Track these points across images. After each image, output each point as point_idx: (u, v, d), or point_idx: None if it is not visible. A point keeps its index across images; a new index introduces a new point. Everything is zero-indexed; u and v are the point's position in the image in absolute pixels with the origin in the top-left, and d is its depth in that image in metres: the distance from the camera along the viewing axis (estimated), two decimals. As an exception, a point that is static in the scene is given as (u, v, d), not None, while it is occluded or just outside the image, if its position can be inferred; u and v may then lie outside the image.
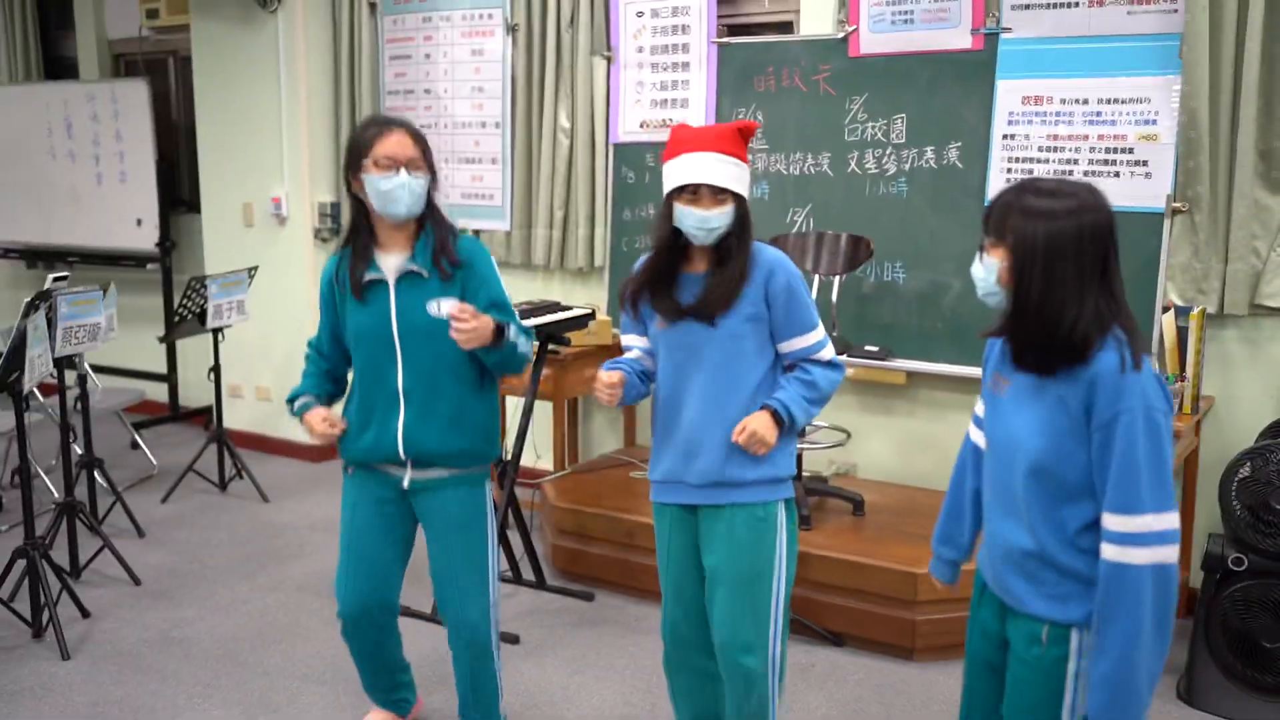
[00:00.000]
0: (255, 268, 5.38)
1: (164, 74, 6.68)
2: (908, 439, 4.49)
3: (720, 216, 2.52)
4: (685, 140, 2.54)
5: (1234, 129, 3.75)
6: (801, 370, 2.60)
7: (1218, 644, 3.36)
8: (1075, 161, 3.96)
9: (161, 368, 6.59)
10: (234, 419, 5.97)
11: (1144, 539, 1.87)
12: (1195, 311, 3.67)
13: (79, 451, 4.70)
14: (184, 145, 6.63)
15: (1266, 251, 3.78)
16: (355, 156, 2.75)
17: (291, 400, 2.96)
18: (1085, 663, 1.99)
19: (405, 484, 2.86)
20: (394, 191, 2.69)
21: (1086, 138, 3.95)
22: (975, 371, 4.14)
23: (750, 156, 2.94)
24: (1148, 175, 3.85)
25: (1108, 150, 3.91)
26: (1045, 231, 1.90)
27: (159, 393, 6.59)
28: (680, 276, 2.61)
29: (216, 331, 5.21)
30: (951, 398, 4.35)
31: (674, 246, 2.60)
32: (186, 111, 6.55)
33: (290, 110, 5.66)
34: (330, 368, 2.98)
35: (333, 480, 5.63)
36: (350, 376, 2.96)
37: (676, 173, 2.53)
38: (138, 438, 5.86)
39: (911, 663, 3.66)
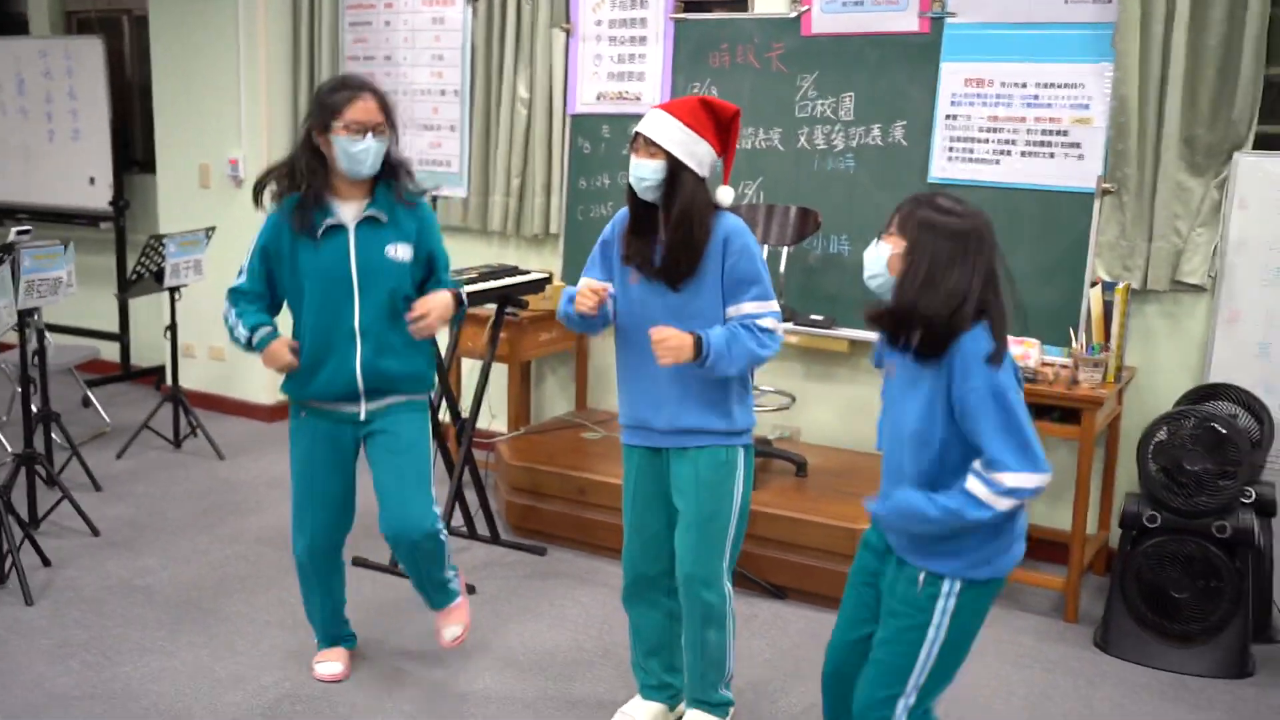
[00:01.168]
0: (213, 228, 5.43)
1: (118, 32, 6.66)
2: (849, 405, 4.68)
3: (646, 167, 2.67)
4: (662, 104, 2.75)
5: (1160, 115, 3.97)
6: (734, 324, 2.72)
7: (1132, 596, 3.60)
8: (1013, 142, 4.16)
9: (113, 327, 6.60)
10: (187, 378, 6.01)
11: (1012, 492, 2.14)
12: (1120, 286, 3.89)
13: (33, 407, 4.73)
14: (138, 105, 6.62)
15: (1187, 231, 4.01)
16: (325, 116, 2.91)
17: (251, 330, 3.07)
18: (953, 602, 2.26)
19: (362, 415, 3.07)
20: (360, 154, 2.91)
21: (1024, 120, 4.15)
22: (914, 340, 4.35)
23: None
24: (1080, 157, 4.06)
25: (1044, 132, 4.12)
26: (937, 240, 2.17)
27: (110, 352, 6.61)
28: (653, 238, 2.76)
29: (173, 291, 5.26)
30: (891, 366, 4.55)
31: (645, 208, 2.76)
32: (141, 71, 6.55)
33: (249, 73, 5.70)
34: (267, 305, 3.15)
35: (285, 438, 5.70)
36: (294, 319, 3.12)
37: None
38: (90, 395, 5.88)
39: (849, 613, 3.86)
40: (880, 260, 2.26)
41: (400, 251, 3.02)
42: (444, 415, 4.32)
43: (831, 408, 4.73)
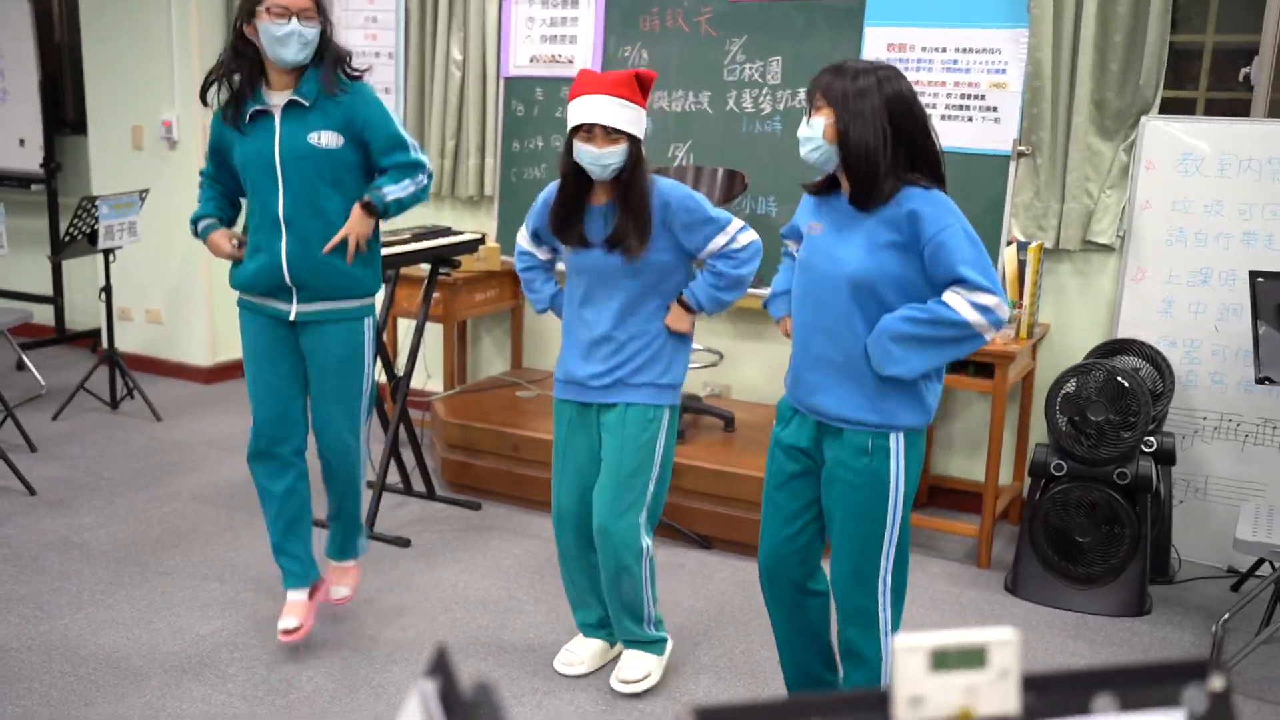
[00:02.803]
0: (146, 190, 5.42)
1: (46, -8, 6.57)
2: (777, 363, 4.82)
3: (612, 154, 2.80)
4: (586, 83, 2.81)
5: (1073, 81, 4.12)
6: (709, 266, 2.93)
7: (1039, 541, 3.78)
8: (934, 106, 4.29)
9: (45, 290, 6.56)
10: (124, 341, 6.00)
11: (989, 313, 2.32)
12: (1034, 246, 4.05)
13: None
14: (67, 65, 6.55)
15: (1098, 193, 4.18)
16: (250, 3, 2.96)
17: (195, 222, 3.18)
18: (904, 456, 2.43)
19: (292, 316, 3.12)
20: (285, 38, 2.94)
21: (944, 84, 4.28)
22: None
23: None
24: (997, 120, 4.21)
25: (963, 96, 4.26)
26: (866, 93, 2.35)
27: (44, 315, 6.57)
28: (587, 208, 2.90)
29: (107, 253, 5.25)
30: (817, 324, 4.69)
31: (578, 179, 2.88)
32: (69, 31, 6.47)
33: (181, 34, 5.67)
34: (225, 191, 3.23)
35: (225, 400, 5.75)
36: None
37: (576, 112, 2.81)
38: (24, 357, 5.86)
39: (773, 561, 4.01)
40: (816, 132, 2.40)
41: (325, 138, 3.01)
42: (379, 375, 4.38)
43: (759, 365, 4.87)
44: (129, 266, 5.79)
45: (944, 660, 1.03)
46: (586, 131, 2.80)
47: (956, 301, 2.33)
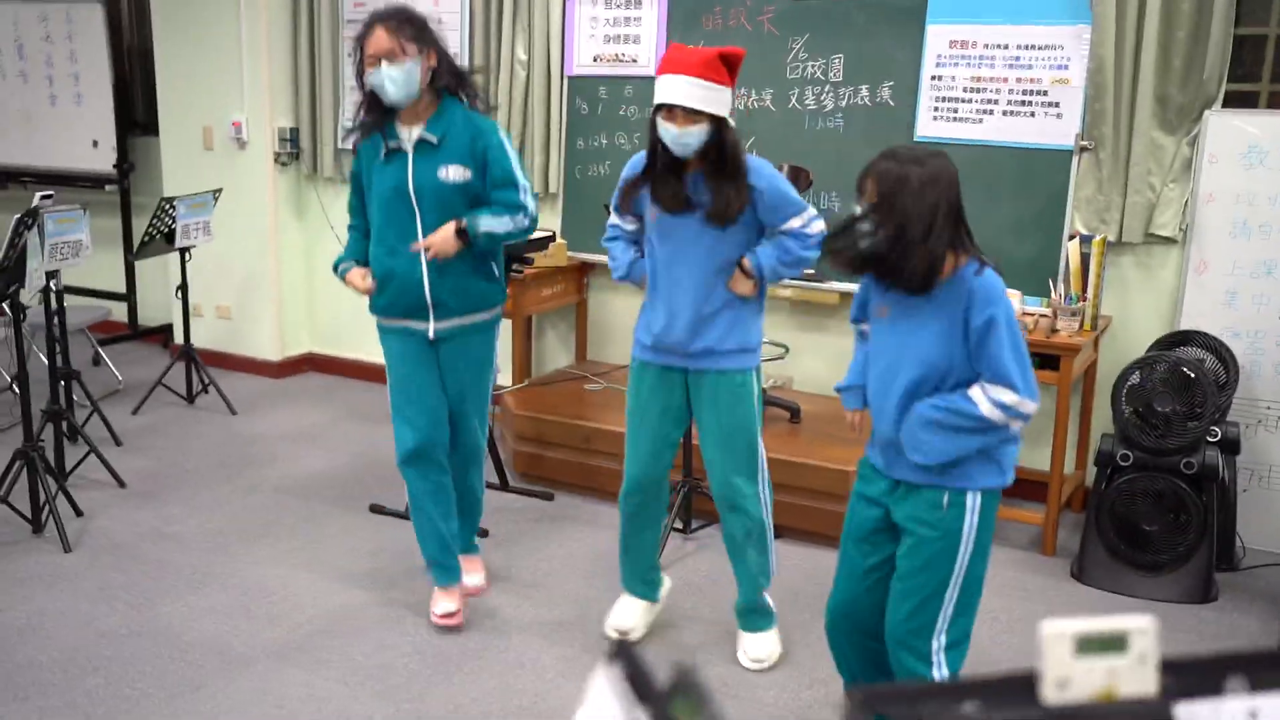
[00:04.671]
0: (220, 190, 5.58)
1: (116, -4, 6.74)
2: (840, 355, 4.90)
3: (693, 134, 2.90)
4: (672, 61, 2.90)
5: (1135, 76, 4.17)
6: (778, 240, 3.05)
7: (1106, 529, 3.85)
8: (995, 102, 4.36)
9: (117, 287, 6.75)
10: (195, 337, 6.16)
11: (1008, 410, 2.36)
12: (1097, 239, 4.11)
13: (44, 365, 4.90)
14: (138, 68, 6.72)
15: (1160, 186, 4.23)
16: (357, 55, 3.19)
17: (335, 266, 3.42)
18: (978, 515, 2.48)
19: (431, 334, 3.33)
20: (378, 84, 3.15)
21: (1006, 80, 4.34)
22: (902, 292, 4.56)
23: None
24: (1059, 116, 4.26)
25: (1025, 93, 4.32)
26: (909, 179, 2.34)
27: (117, 312, 6.76)
28: (683, 179, 3.01)
29: (183, 251, 5.42)
30: (880, 317, 4.77)
31: (666, 150, 2.98)
32: (140, 33, 6.64)
33: (250, 36, 5.82)
34: (367, 231, 3.41)
35: (295, 394, 5.91)
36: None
37: (658, 90, 2.91)
38: (101, 353, 6.05)
39: (841, 550, 4.11)
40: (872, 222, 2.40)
41: (454, 173, 3.21)
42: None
43: (822, 357, 4.95)
44: (200, 264, 5.96)
45: (1088, 645, 1.13)
46: (668, 110, 2.90)
47: (977, 396, 2.38)
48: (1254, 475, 4.12)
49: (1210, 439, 3.81)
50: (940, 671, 2.54)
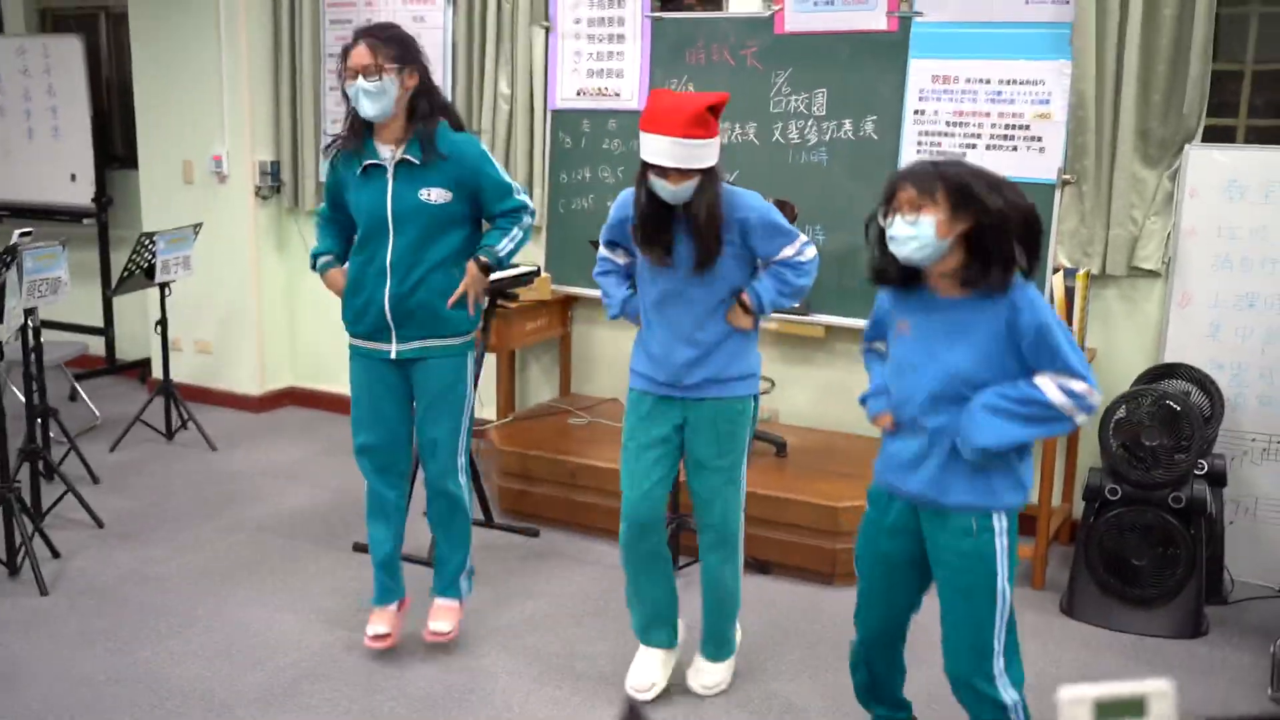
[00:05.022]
0: (200, 224, 5.54)
1: (95, 28, 6.72)
2: (826, 388, 4.90)
3: (685, 190, 2.92)
4: (657, 118, 2.87)
5: (1116, 110, 4.20)
6: (774, 271, 3.06)
7: (1095, 563, 3.84)
8: (978, 136, 4.38)
9: (94, 321, 6.68)
10: (174, 372, 6.09)
11: (1078, 399, 2.38)
12: (1081, 273, 4.12)
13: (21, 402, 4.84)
14: (116, 101, 6.68)
15: (1142, 219, 4.25)
16: (340, 68, 3.22)
17: (315, 257, 3.40)
18: (1007, 536, 2.48)
19: (393, 354, 3.31)
20: (356, 96, 3.16)
21: (988, 115, 4.37)
22: (887, 326, 4.57)
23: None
24: (1041, 150, 4.29)
25: (1007, 127, 4.34)
26: (982, 192, 2.36)
27: (95, 346, 6.69)
28: (670, 231, 3.01)
29: (163, 286, 5.37)
30: (865, 350, 4.77)
31: (657, 204, 2.98)
32: (119, 67, 6.61)
33: (231, 70, 5.80)
34: (340, 227, 3.43)
35: (277, 429, 5.86)
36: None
37: (647, 148, 2.89)
38: (79, 388, 5.98)
39: (831, 587, 4.08)
40: (926, 230, 2.37)
41: (435, 195, 3.21)
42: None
43: (808, 391, 4.94)
44: (179, 297, 5.88)
45: (1107, 711, 1.11)
46: (659, 168, 2.90)
47: (1046, 385, 2.39)
48: (1240, 507, 4.13)
49: (1197, 472, 3.82)
50: (1009, 694, 2.57)
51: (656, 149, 2.87)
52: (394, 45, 3.16)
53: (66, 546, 4.26)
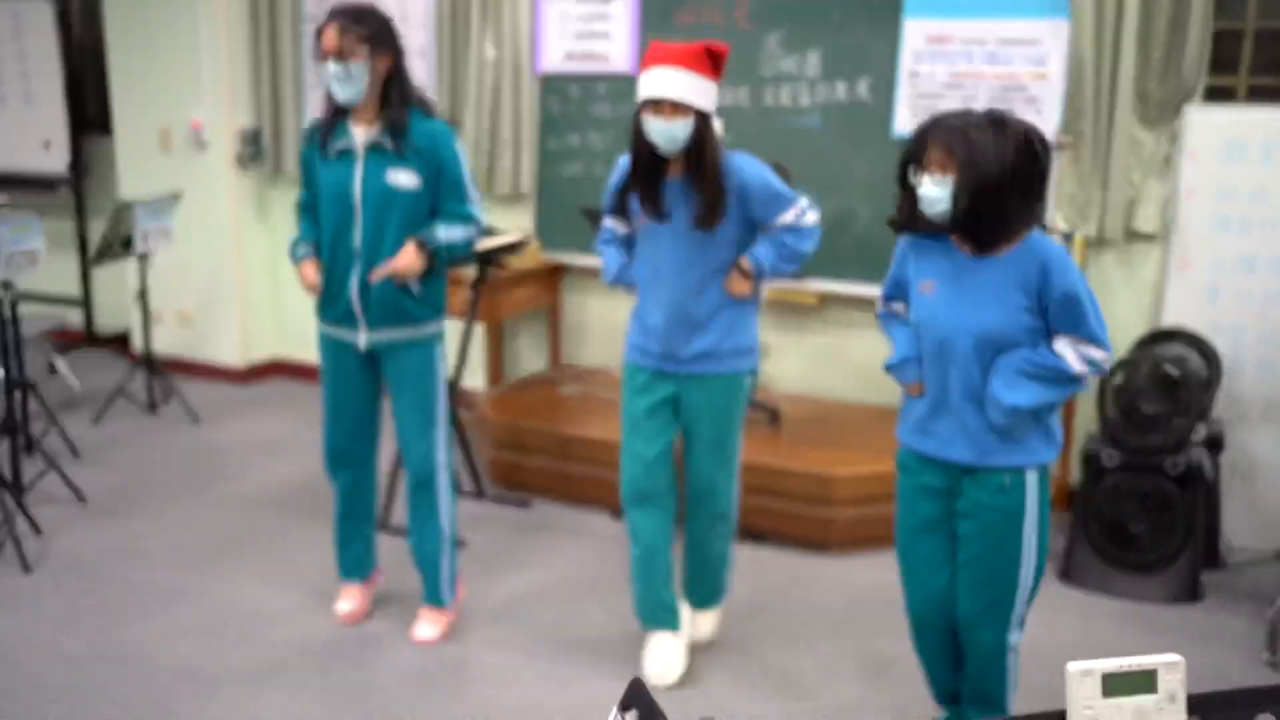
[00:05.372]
0: (179, 193, 5.42)
1: (65, -8, 6.54)
2: (820, 355, 4.85)
3: (680, 127, 2.82)
4: (656, 55, 2.81)
5: (1115, 71, 4.13)
6: (774, 236, 2.99)
7: (1092, 530, 3.82)
8: (974, 98, 4.31)
9: (71, 291, 6.56)
10: (155, 343, 5.99)
11: (1096, 366, 2.42)
12: (1079, 237, 4.07)
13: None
14: (89, 65, 6.52)
15: (1140, 182, 4.20)
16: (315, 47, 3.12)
17: (295, 244, 3.29)
18: (1037, 491, 2.50)
19: (362, 345, 3.23)
20: (329, 80, 3.07)
21: (984, 76, 4.30)
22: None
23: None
24: (1038, 112, 4.22)
25: (1003, 88, 4.27)
26: (1002, 155, 2.32)
27: (73, 318, 6.57)
28: (662, 184, 2.92)
29: (142, 257, 5.26)
30: (860, 316, 4.72)
31: (651, 156, 2.89)
32: (90, 30, 6.45)
33: (209, 33, 5.66)
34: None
35: (261, 401, 5.77)
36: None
37: (645, 85, 2.82)
38: (56, 362, 5.87)
39: (826, 555, 4.05)
40: (948, 190, 2.36)
41: (403, 179, 3.11)
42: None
43: (801, 358, 4.89)
44: (160, 268, 5.79)
45: (1116, 685, 1.06)
46: (655, 105, 2.82)
47: (1068, 353, 2.40)
48: (1238, 472, 4.10)
49: (1195, 438, 3.78)
50: (1012, 657, 2.62)
51: (651, 82, 2.80)
52: (365, 26, 3.04)
53: (49, 523, 4.18)
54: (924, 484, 2.61)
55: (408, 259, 3.11)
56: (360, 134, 3.12)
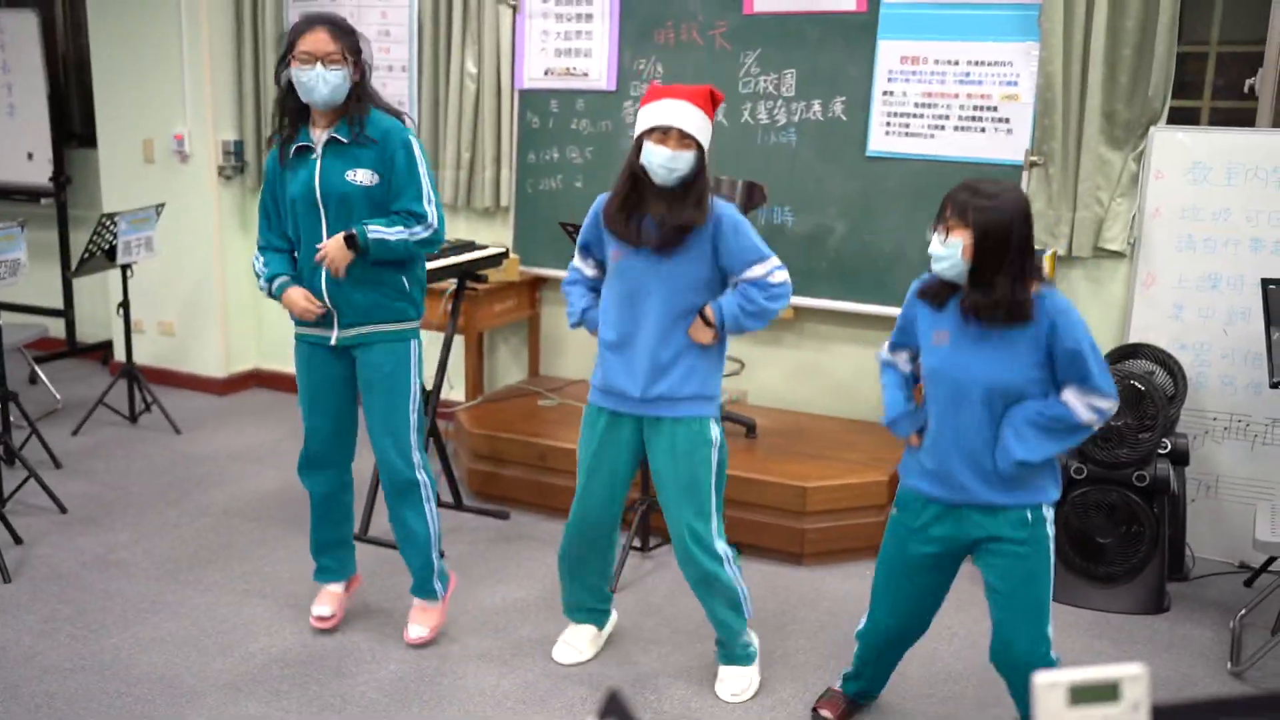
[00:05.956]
0: (162, 204, 5.45)
1: (50, 3, 6.57)
2: (795, 368, 4.91)
3: (684, 158, 2.90)
4: (664, 90, 2.92)
5: (1083, 92, 4.22)
6: (741, 289, 3.01)
7: (1061, 542, 3.88)
8: (947, 118, 4.39)
9: (53, 302, 6.58)
10: (136, 354, 6.02)
11: (1102, 414, 2.58)
12: (1048, 254, 4.15)
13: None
14: (74, 78, 6.56)
15: (1108, 201, 4.28)
16: (286, 50, 3.13)
17: (269, 280, 3.29)
18: (1053, 525, 2.67)
19: (333, 341, 3.27)
20: (310, 82, 3.09)
21: (956, 96, 4.38)
22: (858, 307, 4.59)
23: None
24: (1009, 131, 4.31)
25: (975, 108, 4.35)
26: (1003, 219, 2.51)
27: (55, 328, 6.59)
28: (644, 217, 2.98)
29: (125, 268, 5.29)
30: (835, 330, 4.79)
31: (638, 184, 2.96)
32: (75, 42, 6.48)
33: (192, 46, 5.70)
34: (288, 247, 3.34)
35: (243, 412, 5.80)
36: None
37: (653, 114, 2.90)
38: (39, 371, 5.89)
39: (801, 566, 4.11)
40: (955, 252, 2.55)
41: (361, 176, 3.15)
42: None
43: (778, 371, 4.96)
44: (142, 279, 5.82)
45: (1082, 695, 1.12)
46: (662, 133, 2.88)
47: (1076, 405, 2.55)
48: (1201, 485, 4.19)
49: (1161, 451, 3.86)
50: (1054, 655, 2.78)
51: (662, 110, 2.88)
52: (350, 36, 3.15)
53: (29, 533, 4.20)
54: (922, 525, 2.76)
55: (333, 247, 3.12)
56: (318, 134, 3.18)
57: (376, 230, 3.13)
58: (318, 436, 3.41)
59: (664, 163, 2.89)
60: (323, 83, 3.08)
